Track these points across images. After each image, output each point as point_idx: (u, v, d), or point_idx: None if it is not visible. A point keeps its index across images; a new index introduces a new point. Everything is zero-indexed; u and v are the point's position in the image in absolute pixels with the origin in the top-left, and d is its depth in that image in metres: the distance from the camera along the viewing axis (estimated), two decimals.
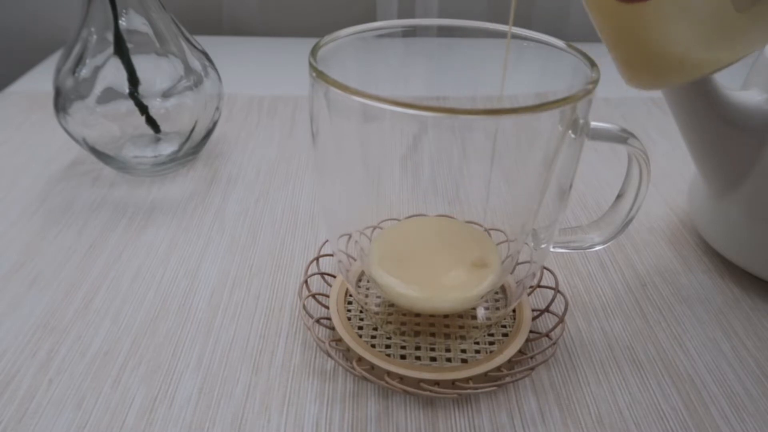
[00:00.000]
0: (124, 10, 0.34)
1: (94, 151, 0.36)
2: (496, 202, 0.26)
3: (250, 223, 0.35)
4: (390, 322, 0.27)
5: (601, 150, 0.43)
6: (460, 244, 0.27)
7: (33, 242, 0.33)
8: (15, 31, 0.67)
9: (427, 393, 0.23)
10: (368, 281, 0.29)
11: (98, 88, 0.35)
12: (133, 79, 0.35)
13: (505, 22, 0.23)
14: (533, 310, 0.27)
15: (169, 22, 0.36)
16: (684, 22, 0.21)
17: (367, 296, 0.28)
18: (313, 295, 0.28)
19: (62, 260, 0.31)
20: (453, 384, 0.24)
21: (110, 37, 0.34)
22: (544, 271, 0.30)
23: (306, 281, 0.28)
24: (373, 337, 0.26)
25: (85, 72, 0.34)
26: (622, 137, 0.22)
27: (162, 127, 0.37)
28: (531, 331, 0.26)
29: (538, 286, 0.29)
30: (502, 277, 0.26)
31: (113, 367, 0.25)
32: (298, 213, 0.36)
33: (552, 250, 0.26)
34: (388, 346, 0.26)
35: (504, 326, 0.27)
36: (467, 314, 0.27)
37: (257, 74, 0.57)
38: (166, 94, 0.36)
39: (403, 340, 0.26)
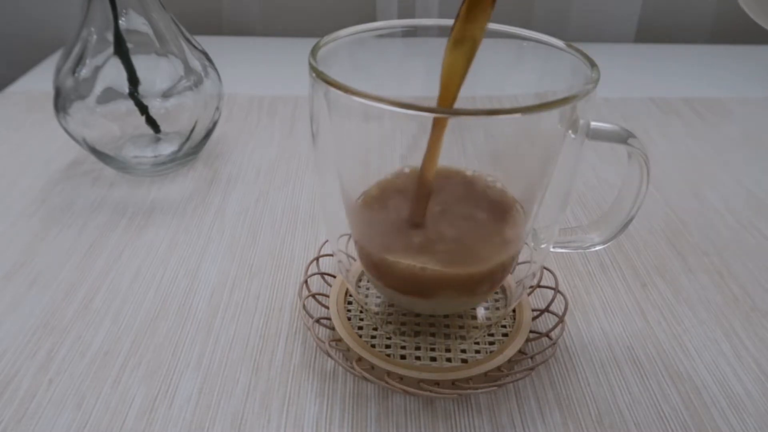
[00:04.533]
0: (124, 10, 0.34)
1: (94, 151, 0.36)
2: None
3: (250, 223, 0.35)
4: (390, 322, 0.27)
5: (601, 150, 0.43)
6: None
7: (33, 242, 0.33)
8: (15, 31, 0.67)
9: (427, 393, 0.23)
10: (368, 281, 0.29)
11: (98, 88, 0.35)
12: (133, 79, 0.35)
13: (505, 22, 0.23)
14: (533, 310, 0.27)
15: (169, 22, 0.36)
16: None
17: (367, 296, 0.28)
18: (313, 295, 0.28)
19: (62, 260, 0.31)
20: (453, 384, 0.24)
21: (110, 37, 0.34)
22: (544, 271, 0.30)
23: (306, 281, 0.28)
24: (373, 337, 0.26)
25: (85, 72, 0.34)
26: (622, 137, 0.22)
27: (162, 127, 0.37)
28: (531, 331, 0.26)
29: (538, 286, 0.29)
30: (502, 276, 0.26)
31: (113, 367, 0.25)
32: (298, 213, 0.36)
33: (552, 250, 0.26)
34: (388, 346, 0.26)
35: (504, 326, 0.27)
36: (467, 314, 0.27)
37: (257, 74, 0.57)
38: (166, 94, 0.36)
39: (403, 340, 0.26)
